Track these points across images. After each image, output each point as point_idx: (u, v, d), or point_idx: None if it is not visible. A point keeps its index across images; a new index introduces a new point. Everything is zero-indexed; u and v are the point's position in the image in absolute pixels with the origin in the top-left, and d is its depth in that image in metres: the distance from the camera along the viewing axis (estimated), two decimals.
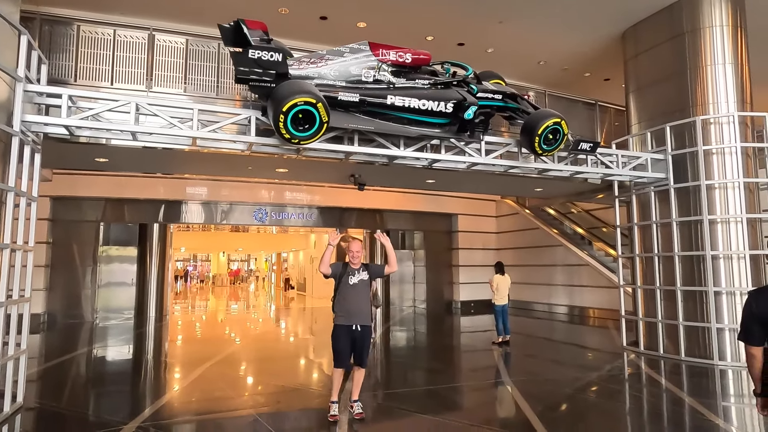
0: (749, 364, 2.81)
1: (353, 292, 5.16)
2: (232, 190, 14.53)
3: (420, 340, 11.88)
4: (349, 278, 5.17)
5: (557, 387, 6.87)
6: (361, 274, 5.23)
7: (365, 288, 5.26)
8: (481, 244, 17.67)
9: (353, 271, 5.22)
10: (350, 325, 5.06)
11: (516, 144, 7.67)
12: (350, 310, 5.11)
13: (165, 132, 5.98)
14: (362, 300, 5.20)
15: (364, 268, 5.28)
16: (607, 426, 5.34)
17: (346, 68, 6.30)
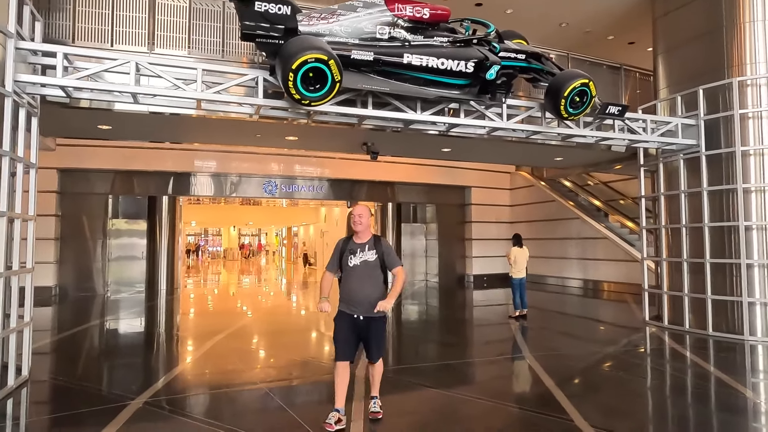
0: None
1: (353, 276, 4.02)
2: (241, 162, 14.26)
3: (434, 314, 11.66)
4: (349, 258, 4.02)
5: (580, 361, 6.61)
6: (366, 254, 4.03)
7: (371, 272, 4.03)
8: (494, 218, 17.31)
9: (355, 247, 4.06)
10: (351, 314, 4.05)
11: (539, 108, 7.23)
12: (350, 297, 4.05)
13: (168, 94, 5.63)
14: (366, 287, 4.01)
15: (372, 246, 4.06)
16: (633, 400, 5.06)
17: (359, 24, 5.87)
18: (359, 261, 4.03)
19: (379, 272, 4.06)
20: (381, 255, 4.04)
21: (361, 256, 4.03)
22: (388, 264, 4.07)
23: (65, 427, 4.27)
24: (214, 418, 4.34)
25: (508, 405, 4.89)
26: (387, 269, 4.08)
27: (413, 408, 4.80)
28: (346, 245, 4.09)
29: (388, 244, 4.17)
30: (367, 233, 4.10)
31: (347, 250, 4.06)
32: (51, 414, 4.66)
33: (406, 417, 4.49)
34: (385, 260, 4.07)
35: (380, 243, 4.09)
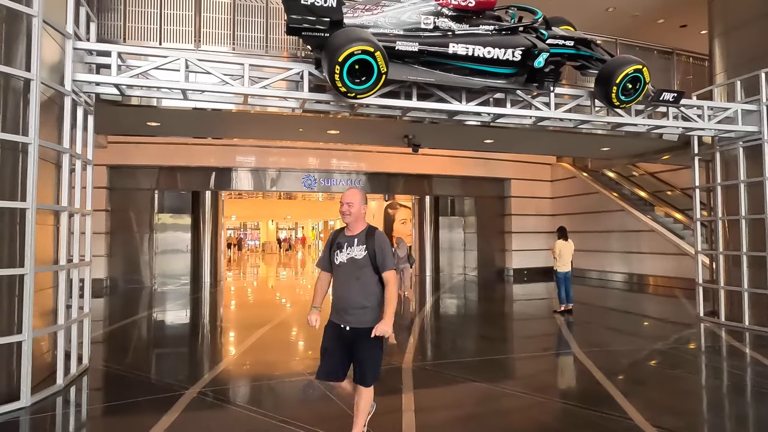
0: None
1: (339, 277, 3.34)
2: (280, 156, 14.44)
3: (473, 308, 11.53)
4: (336, 253, 3.33)
5: (631, 358, 6.39)
6: (354, 250, 3.27)
7: (358, 272, 3.26)
8: (534, 210, 16.96)
9: (344, 241, 3.33)
10: (338, 324, 3.32)
11: (588, 96, 6.99)
12: (336, 302, 3.35)
13: (216, 90, 5.72)
14: (352, 291, 3.26)
15: (363, 240, 3.29)
16: (692, 399, 4.86)
17: (403, 15, 5.80)
18: (345, 258, 3.26)
19: (369, 273, 3.25)
20: (372, 252, 3.23)
21: (348, 252, 3.26)
22: (379, 263, 3.24)
23: (125, 414, 4.41)
24: (264, 407, 4.42)
25: (558, 401, 4.77)
26: (379, 269, 3.27)
27: (458, 401, 4.75)
28: (335, 238, 3.40)
29: (383, 239, 3.31)
30: (360, 224, 3.33)
31: (335, 243, 3.36)
32: (111, 401, 4.83)
33: (451, 410, 4.45)
34: (377, 258, 3.23)
35: (373, 237, 3.27)
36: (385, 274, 3.25)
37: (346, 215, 3.30)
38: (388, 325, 3.17)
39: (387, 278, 3.26)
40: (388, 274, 3.26)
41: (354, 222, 3.31)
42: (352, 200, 3.29)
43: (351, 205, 3.28)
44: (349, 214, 3.28)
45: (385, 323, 3.16)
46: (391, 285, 3.24)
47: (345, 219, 3.31)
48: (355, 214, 3.29)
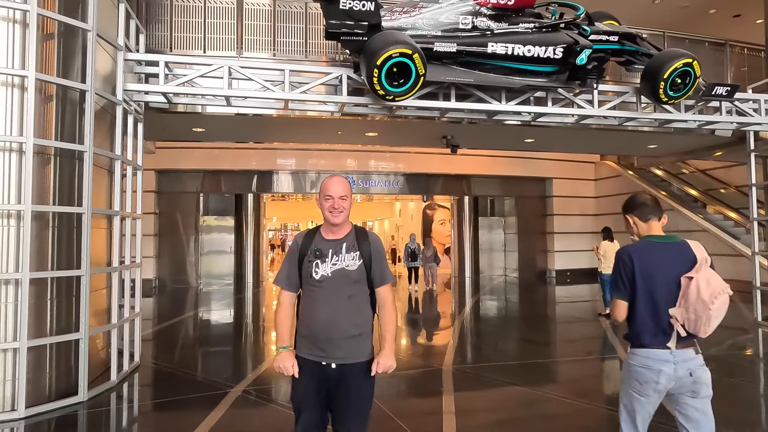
0: None
1: (321, 296, 2.43)
2: (319, 159, 14.65)
3: (514, 310, 11.34)
4: (314, 265, 2.45)
5: None
6: (345, 258, 2.46)
7: (351, 288, 2.46)
8: (578, 210, 16.51)
9: (326, 247, 2.48)
10: (317, 361, 2.40)
11: (633, 92, 6.76)
12: (316, 331, 2.41)
13: (258, 95, 5.87)
14: (344, 313, 2.42)
15: (355, 245, 2.50)
16: (749, 409, 4.61)
17: (441, 16, 5.78)
18: (331, 270, 2.42)
19: (363, 289, 2.48)
20: (368, 261, 2.46)
21: (335, 262, 2.43)
22: (376, 274, 2.49)
23: (174, 410, 4.58)
24: None
25: (603, 407, 4.63)
26: (373, 284, 2.50)
27: (499, 404, 4.69)
28: (308, 244, 2.49)
29: (379, 244, 2.55)
30: (347, 225, 2.53)
31: (311, 252, 2.47)
32: (160, 398, 5.03)
33: (492, 414, 4.40)
34: (373, 268, 2.48)
35: (367, 240, 2.52)
36: (382, 289, 2.50)
37: (338, 212, 2.43)
38: (392, 357, 2.44)
39: (384, 296, 2.51)
40: (386, 290, 2.52)
41: (344, 221, 2.49)
42: (346, 192, 2.46)
43: (345, 198, 2.44)
44: (342, 210, 2.44)
45: (387, 355, 2.42)
46: (389, 305, 2.52)
47: (334, 217, 2.43)
48: (347, 211, 2.47)
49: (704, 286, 2.33)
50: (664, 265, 2.44)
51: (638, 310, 2.46)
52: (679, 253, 2.46)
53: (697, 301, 2.33)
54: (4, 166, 4.34)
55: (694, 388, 2.45)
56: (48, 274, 4.48)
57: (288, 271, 2.53)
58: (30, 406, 4.22)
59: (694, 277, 2.36)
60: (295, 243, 2.56)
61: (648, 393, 2.49)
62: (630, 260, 2.47)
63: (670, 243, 2.51)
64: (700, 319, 2.35)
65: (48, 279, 4.50)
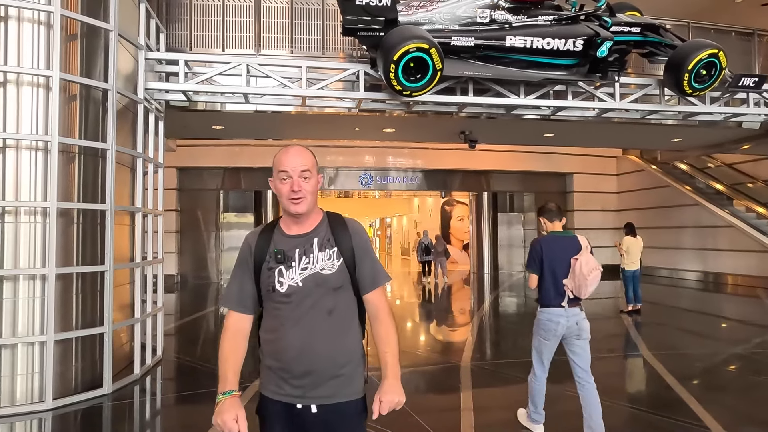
0: None
1: (288, 314, 1.76)
2: (337, 155, 14.70)
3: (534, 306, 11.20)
4: (277, 273, 1.77)
5: (709, 362, 5.99)
6: (319, 258, 1.78)
7: (331, 299, 1.78)
8: (599, 206, 16.28)
9: (290, 246, 1.80)
10: (291, 404, 1.76)
11: (656, 84, 6.62)
12: (285, 360, 1.75)
13: (275, 92, 5.90)
14: (323, 336, 1.75)
15: (331, 239, 1.81)
16: None
17: (458, 10, 5.74)
18: (301, 278, 1.75)
19: (348, 298, 1.82)
20: (350, 258, 1.80)
21: (305, 266, 1.76)
22: (365, 275, 1.83)
23: (196, 403, 4.65)
24: None
25: (625, 405, 4.56)
26: (361, 289, 1.83)
27: (518, 401, 4.61)
28: (264, 246, 1.81)
29: (362, 233, 1.88)
30: (316, 213, 1.84)
31: (270, 255, 1.79)
32: (183, 391, 5.12)
33: (510, 410, 4.34)
34: (359, 267, 1.82)
35: (346, 229, 1.83)
36: (373, 295, 1.82)
37: (300, 199, 1.73)
38: (399, 389, 1.75)
39: (377, 303, 1.83)
40: (379, 295, 1.83)
41: (310, 209, 1.77)
42: (310, 166, 1.75)
43: (309, 176, 1.74)
44: (304, 196, 1.73)
45: (392, 387, 1.74)
46: (386, 316, 1.82)
47: (298, 206, 1.73)
48: (313, 194, 1.76)
49: (584, 265, 3.37)
50: (561, 251, 3.48)
51: (545, 281, 3.54)
52: (571, 243, 3.51)
53: (579, 275, 3.38)
54: (31, 164, 4.45)
55: (579, 333, 3.57)
56: (73, 270, 4.59)
57: (239, 287, 1.81)
58: (57, 398, 4.34)
59: (579, 258, 3.41)
60: (245, 246, 1.82)
61: (550, 338, 3.60)
62: (540, 248, 3.56)
63: (566, 236, 3.58)
64: (581, 287, 3.41)
65: (73, 274, 4.62)
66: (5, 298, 4.33)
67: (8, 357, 4.31)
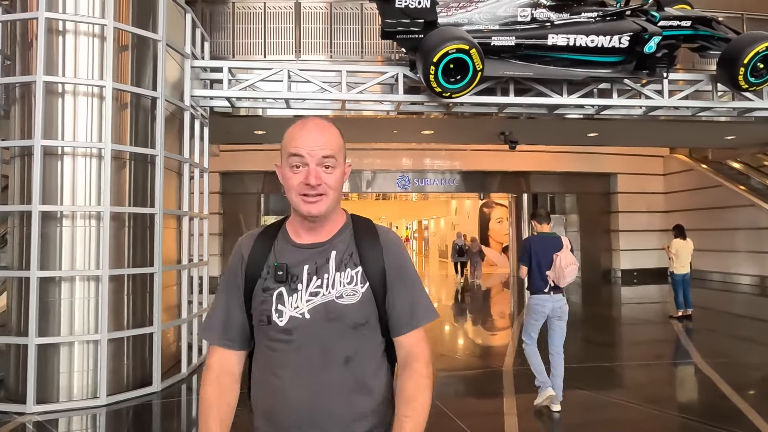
0: None
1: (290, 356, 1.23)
2: (375, 158, 14.75)
3: (577, 311, 10.92)
4: (274, 299, 1.25)
5: (766, 371, 5.68)
6: (334, 280, 1.25)
7: (349, 342, 1.24)
8: (645, 207, 15.67)
9: (297, 263, 1.27)
10: None
11: (708, 80, 6.33)
12: (283, 420, 1.24)
13: (315, 97, 5.98)
14: (336, 389, 1.22)
15: (352, 256, 1.29)
16: None
17: (498, 9, 5.67)
18: (308, 306, 1.25)
19: (373, 340, 1.30)
20: (379, 282, 1.29)
21: (315, 290, 1.26)
22: (400, 309, 1.30)
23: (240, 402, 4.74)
24: None
25: (676, 414, 4.37)
26: (391, 329, 1.31)
27: (563, 408, 4.52)
28: (261, 256, 1.33)
29: (399, 246, 1.37)
30: (338, 216, 1.36)
31: (268, 270, 1.30)
32: None
33: (555, 416, 4.25)
34: (392, 297, 1.30)
35: (376, 241, 1.33)
36: (410, 339, 1.31)
37: (318, 197, 1.26)
38: None
39: (414, 350, 1.30)
40: (417, 339, 1.31)
41: (331, 210, 1.31)
42: (335, 150, 1.28)
43: (332, 164, 1.27)
44: (325, 192, 1.26)
45: None
46: (425, 368, 1.29)
47: (314, 206, 1.26)
48: (336, 191, 1.30)
49: (563, 260, 4.16)
50: (546, 248, 4.25)
51: (533, 273, 4.30)
52: (555, 242, 4.28)
53: (559, 268, 4.16)
54: (86, 170, 4.66)
55: (560, 315, 4.32)
56: (125, 271, 4.77)
57: (225, 312, 1.33)
58: (111, 394, 4.52)
59: (559, 255, 4.18)
60: (236, 255, 1.36)
61: (539, 318, 4.34)
62: (529, 245, 4.39)
63: (551, 237, 4.37)
64: (560, 277, 4.17)
65: (125, 276, 4.80)
66: (63, 298, 4.56)
67: (66, 354, 4.53)
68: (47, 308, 4.49)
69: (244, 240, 1.41)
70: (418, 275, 1.38)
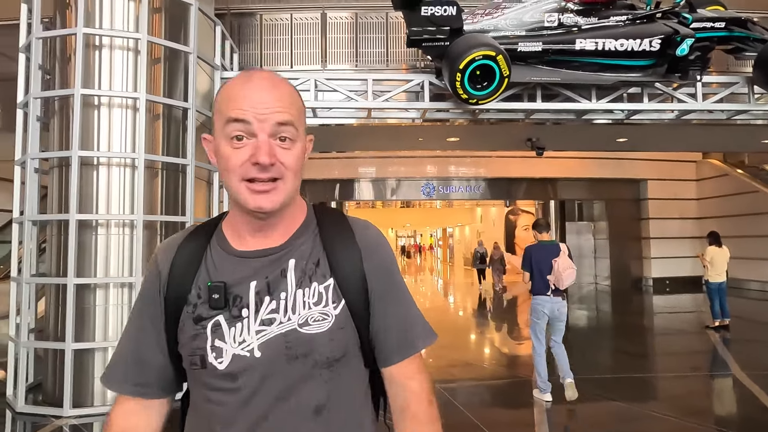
0: None
1: (238, 413, 0.88)
2: (399, 166, 14.76)
3: (607, 320, 10.68)
4: (209, 332, 0.89)
5: None
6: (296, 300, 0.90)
7: (319, 386, 0.89)
8: (677, 213, 15.27)
9: (240, 279, 0.91)
10: None
11: (745, 82, 6.15)
12: None
13: (342, 105, 6.03)
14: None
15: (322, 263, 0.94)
16: None
17: (524, 15, 5.63)
18: (260, 340, 0.89)
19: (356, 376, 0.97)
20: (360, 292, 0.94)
21: (269, 316, 0.90)
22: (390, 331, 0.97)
23: None
24: None
25: (715, 427, 4.20)
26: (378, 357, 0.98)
27: (596, 419, 4.43)
28: (189, 270, 0.95)
29: (380, 243, 1.01)
30: (296, 210, 1.03)
31: (197, 289, 0.93)
32: None
33: (588, 428, 4.16)
34: (378, 315, 0.96)
35: (350, 239, 0.98)
36: (403, 368, 0.99)
37: (272, 183, 0.91)
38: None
39: (411, 383, 1.00)
40: (414, 369, 1.01)
41: (288, 202, 0.96)
42: (289, 110, 0.92)
43: (288, 134, 0.91)
44: (280, 177, 0.91)
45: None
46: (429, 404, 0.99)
47: (263, 198, 0.90)
48: (296, 174, 0.96)
49: (561, 265, 4.53)
50: (546, 255, 4.64)
51: (534, 277, 4.70)
52: (553, 249, 4.65)
53: (557, 272, 4.53)
54: (120, 180, 4.80)
55: (559, 317, 4.70)
56: None
57: (134, 349, 1.00)
58: None
59: (557, 260, 4.55)
60: (151, 271, 1.02)
61: (540, 317, 4.74)
62: (530, 253, 4.78)
63: (550, 244, 4.75)
64: (559, 280, 4.54)
65: None
66: (98, 304, 4.68)
67: (101, 360, 4.64)
68: (83, 314, 4.61)
69: (161, 250, 1.00)
70: (404, 283, 1.03)
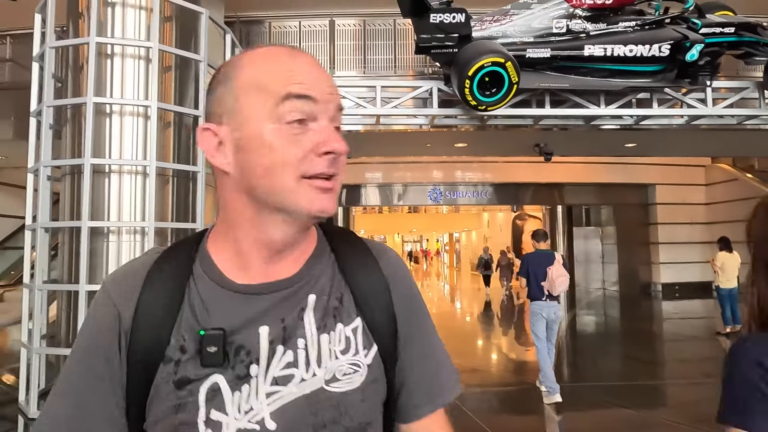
0: None
1: None
2: (406, 171, 14.77)
3: (616, 326, 10.62)
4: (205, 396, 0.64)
5: None
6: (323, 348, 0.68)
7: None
8: (686, 218, 15.16)
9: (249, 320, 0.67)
10: None
11: (755, 87, 6.12)
12: None
13: (351, 112, 6.06)
14: None
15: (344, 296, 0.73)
16: None
17: (533, 22, 5.64)
18: (274, 406, 0.65)
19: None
20: (390, 338, 0.74)
21: (284, 373, 0.67)
22: (418, 380, 0.77)
23: None
24: None
25: None
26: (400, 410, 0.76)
27: (605, 426, 4.42)
28: (167, 316, 0.67)
29: (405, 272, 0.80)
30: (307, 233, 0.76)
31: (176, 341, 0.66)
32: None
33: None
34: (407, 364, 0.76)
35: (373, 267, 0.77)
36: (434, 423, 0.78)
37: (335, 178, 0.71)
38: None
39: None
40: (440, 423, 0.78)
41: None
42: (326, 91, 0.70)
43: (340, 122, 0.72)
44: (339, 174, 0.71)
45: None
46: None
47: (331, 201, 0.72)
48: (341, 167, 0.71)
49: (554, 272, 4.85)
50: (541, 262, 4.97)
51: (531, 283, 5.05)
52: (549, 257, 5.00)
53: (551, 279, 4.85)
54: (131, 187, 4.83)
55: (555, 319, 5.08)
56: None
57: (76, 415, 0.67)
58: None
59: (551, 268, 4.87)
60: (103, 314, 0.71)
61: (540, 320, 5.04)
62: (527, 261, 5.20)
63: (546, 253, 5.15)
64: (552, 287, 4.87)
65: None
66: None
67: None
68: None
69: (117, 281, 0.74)
70: (429, 315, 0.83)
